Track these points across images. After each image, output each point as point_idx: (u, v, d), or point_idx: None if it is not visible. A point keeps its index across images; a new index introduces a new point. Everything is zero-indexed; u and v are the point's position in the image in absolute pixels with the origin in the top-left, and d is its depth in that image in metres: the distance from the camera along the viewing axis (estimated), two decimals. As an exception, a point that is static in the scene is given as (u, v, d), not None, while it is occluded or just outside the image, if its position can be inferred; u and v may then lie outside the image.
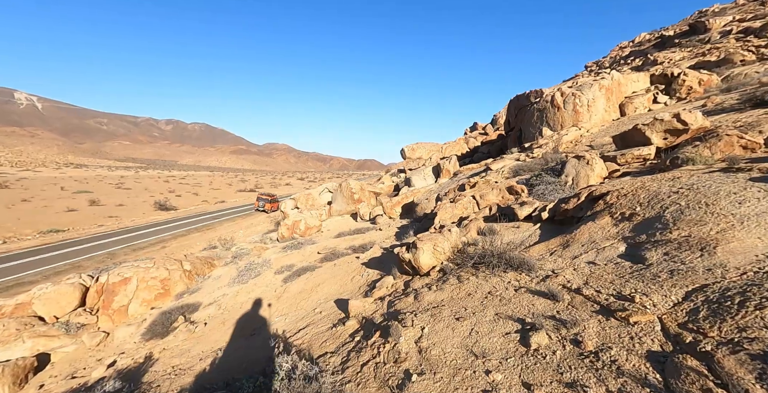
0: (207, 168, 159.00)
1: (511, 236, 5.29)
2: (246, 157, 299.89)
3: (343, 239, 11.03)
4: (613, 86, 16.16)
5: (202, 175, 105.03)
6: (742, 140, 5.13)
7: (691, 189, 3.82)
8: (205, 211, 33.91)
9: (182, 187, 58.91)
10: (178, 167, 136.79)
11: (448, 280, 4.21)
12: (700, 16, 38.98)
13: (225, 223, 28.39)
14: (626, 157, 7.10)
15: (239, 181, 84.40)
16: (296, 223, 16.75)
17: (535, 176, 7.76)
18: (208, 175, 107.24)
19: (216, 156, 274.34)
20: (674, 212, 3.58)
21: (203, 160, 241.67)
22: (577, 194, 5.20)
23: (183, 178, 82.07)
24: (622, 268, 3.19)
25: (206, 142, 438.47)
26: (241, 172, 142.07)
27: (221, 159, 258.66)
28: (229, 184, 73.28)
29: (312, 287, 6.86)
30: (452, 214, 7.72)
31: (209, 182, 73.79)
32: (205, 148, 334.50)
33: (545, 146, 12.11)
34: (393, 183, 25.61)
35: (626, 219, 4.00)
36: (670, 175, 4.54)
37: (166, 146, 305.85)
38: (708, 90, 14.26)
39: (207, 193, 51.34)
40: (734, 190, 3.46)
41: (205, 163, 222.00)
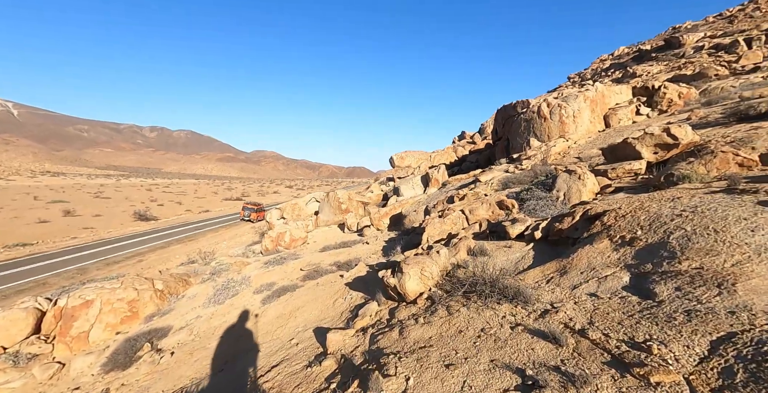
0: (192, 176, 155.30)
1: (503, 257, 4.93)
2: (233, 165, 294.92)
3: (328, 254, 10.50)
4: (597, 98, 16.36)
5: (187, 183, 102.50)
6: (738, 157, 4.95)
7: (695, 212, 3.54)
8: (188, 221, 32.66)
9: (165, 195, 57.10)
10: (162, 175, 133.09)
11: (437, 310, 3.78)
12: (674, 32, 40.75)
13: (208, 234, 27.32)
14: (617, 172, 6.91)
15: (225, 189, 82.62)
16: (281, 235, 16.09)
17: (526, 190, 7.49)
18: (193, 183, 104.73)
19: (202, 164, 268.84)
20: (680, 238, 3.27)
21: (189, 168, 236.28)
22: (572, 213, 4.90)
23: (167, 186, 79.77)
24: (630, 305, 2.83)
25: (192, 149, 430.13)
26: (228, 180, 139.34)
27: (207, 167, 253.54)
28: (215, 192, 71.58)
29: (291, 311, 6.30)
30: (441, 230, 7.33)
31: (194, 190, 71.88)
32: (191, 156, 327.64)
33: (533, 158, 11.98)
34: (382, 192, 25.23)
35: (627, 243, 3.68)
36: (669, 195, 4.28)
37: (150, 154, 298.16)
38: (688, 103, 14.54)
39: (191, 202, 49.80)
40: (744, 216, 3.19)
41: (190, 171, 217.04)
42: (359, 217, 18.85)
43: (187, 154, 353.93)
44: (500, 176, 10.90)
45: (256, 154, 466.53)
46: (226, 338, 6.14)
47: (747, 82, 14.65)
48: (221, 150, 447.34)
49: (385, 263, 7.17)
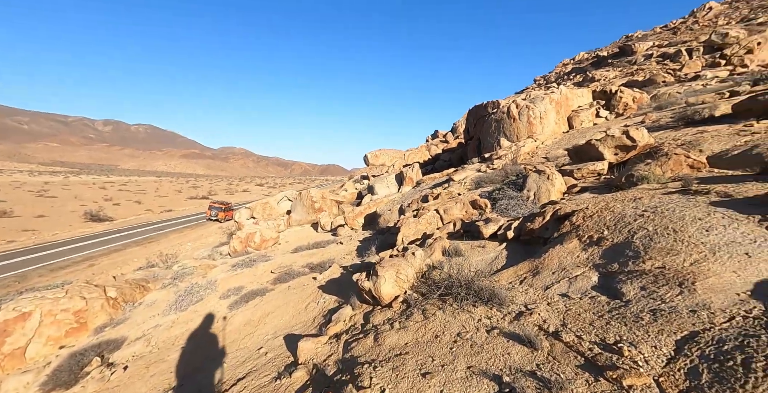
0: (153, 173, 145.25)
1: (477, 258, 4.94)
2: (199, 162, 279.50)
3: (300, 255, 10.15)
4: (562, 100, 17.14)
5: (147, 180, 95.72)
6: (689, 160, 5.31)
7: (656, 212, 3.71)
8: (147, 222, 30.46)
9: (122, 194, 52.97)
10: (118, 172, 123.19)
11: (413, 314, 3.69)
12: (627, 40, 43.76)
13: (171, 235, 25.64)
14: (582, 172, 7.21)
15: (190, 187, 78.15)
16: (251, 236, 15.38)
17: (498, 190, 7.63)
18: (154, 180, 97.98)
19: (164, 160, 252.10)
20: (643, 238, 3.41)
21: (149, 165, 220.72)
22: (542, 213, 5.01)
23: (124, 184, 74.00)
24: (600, 305, 2.89)
25: (153, 145, 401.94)
26: (194, 177, 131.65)
27: (170, 163, 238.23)
28: (179, 190, 67.49)
29: (260, 317, 5.97)
30: (416, 230, 7.29)
31: (155, 189, 67.27)
32: (152, 152, 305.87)
33: (504, 157, 12.30)
34: (356, 190, 24.96)
35: (595, 243, 3.79)
36: (631, 195, 4.48)
37: (104, 149, 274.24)
38: (641, 107, 15.62)
39: (152, 201, 46.53)
40: (699, 216, 3.38)
41: (151, 168, 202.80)
42: (333, 216, 18.50)
43: (148, 150, 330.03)
44: (473, 175, 11.09)
45: (224, 150, 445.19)
46: (188, 349, 5.70)
47: (690, 89, 15.98)
48: (185, 146, 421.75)
49: (359, 265, 7.01)
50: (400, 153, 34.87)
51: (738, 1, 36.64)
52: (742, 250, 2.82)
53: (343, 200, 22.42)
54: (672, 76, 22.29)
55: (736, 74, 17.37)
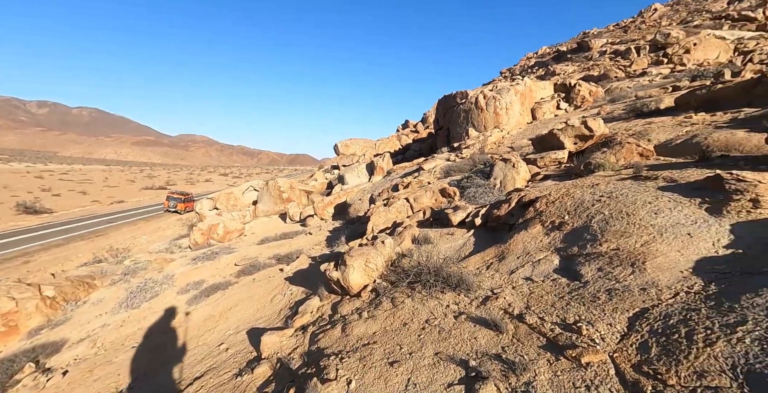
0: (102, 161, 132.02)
1: (446, 245, 4.97)
2: (155, 150, 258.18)
3: (267, 246, 9.74)
4: (526, 92, 17.70)
5: (93, 169, 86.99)
6: (639, 148, 5.66)
7: (611, 197, 3.89)
8: (94, 214, 27.79)
9: (63, 184, 47.73)
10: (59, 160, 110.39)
11: (381, 303, 3.62)
12: (584, 36, 45.97)
13: (124, 228, 23.61)
14: (545, 160, 7.48)
15: (146, 176, 72.28)
16: (213, 227, 14.54)
17: (466, 178, 7.73)
18: (102, 169, 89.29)
19: (114, 147, 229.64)
20: (600, 222, 3.56)
21: (96, 152, 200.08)
22: (508, 199, 5.11)
23: (65, 173, 66.66)
24: (560, 287, 2.99)
25: (100, 130, 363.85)
26: (149, 166, 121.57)
27: (121, 151, 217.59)
28: (132, 180, 62.15)
29: (222, 312, 5.65)
30: (386, 219, 7.22)
31: (104, 178, 61.38)
32: (99, 138, 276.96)
33: (472, 147, 12.52)
34: (326, 180, 24.43)
35: (556, 228, 3.92)
36: (589, 182, 4.69)
37: (39, 134, 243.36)
38: (596, 100, 16.56)
39: (100, 192, 42.43)
40: (648, 200, 3.58)
41: (98, 156, 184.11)
42: (302, 206, 17.98)
43: (94, 135, 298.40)
44: (442, 164, 11.18)
45: (183, 138, 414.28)
46: (141, 349, 5.27)
47: (638, 84, 17.18)
48: (139, 132, 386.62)
49: (328, 255, 6.83)
50: (371, 143, 34.52)
51: (678, 4, 39.74)
52: (685, 230, 3.03)
53: (313, 190, 21.87)
54: (623, 72, 23.85)
55: (677, 71, 18.94)
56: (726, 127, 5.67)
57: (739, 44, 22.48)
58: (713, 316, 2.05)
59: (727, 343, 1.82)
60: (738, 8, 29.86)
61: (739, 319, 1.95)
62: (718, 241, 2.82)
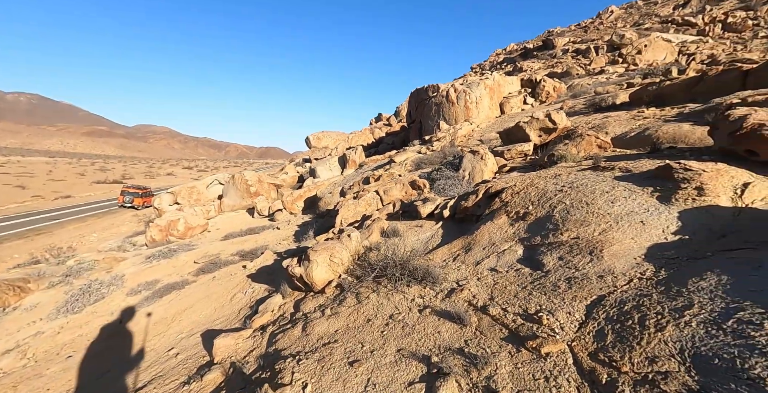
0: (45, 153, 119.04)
1: (414, 237, 4.89)
2: (109, 141, 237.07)
3: (231, 242, 9.22)
4: (495, 86, 18.05)
5: (35, 161, 78.47)
6: (598, 140, 5.88)
7: (572, 187, 3.97)
8: (35, 210, 25.08)
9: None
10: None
11: (346, 299, 3.46)
12: (549, 35, 47.78)
13: (70, 225, 21.51)
14: (511, 153, 7.62)
15: (98, 169, 66.36)
16: (172, 223, 13.58)
17: (436, 170, 7.70)
18: (46, 162, 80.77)
19: (60, 138, 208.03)
20: (562, 212, 3.61)
21: (38, 143, 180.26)
22: (476, 191, 5.11)
23: (1, 165, 59.66)
24: (523, 277, 2.98)
25: (42, 119, 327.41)
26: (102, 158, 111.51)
27: (69, 142, 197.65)
28: (81, 173, 56.81)
29: (176, 313, 5.22)
30: (355, 212, 7.03)
31: (47, 171, 55.58)
32: (42, 127, 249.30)
33: (443, 139, 12.57)
34: (298, 174, 23.70)
35: (521, 218, 3.94)
36: (552, 173, 4.77)
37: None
38: (560, 95, 17.25)
39: (42, 186, 38.34)
40: (606, 189, 3.68)
41: (41, 147, 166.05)
42: (271, 200, 17.33)
43: (35, 124, 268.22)
44: (413, 157, 11.13)
45: (141, 129, 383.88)
46: (78, 358, 4.74)
47: (597, 81, 18.10)
48: (89, 122, 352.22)
49: (294, 250, 6.55)
50: (343, 136, 33.90)
51: (631, 8, 42.27)
52: (639, 218, 3.12)
53: (283, 184, 21.13)
54: (584, 70, 25.09)
55: (630, 70, 20.19)
56: (674, 120, 6.02)
57: (683, 47, 24.34)
58: (663, 300, 2.09)
59: (676, 327, 1.84)
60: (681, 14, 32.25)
61: (686, 302, 1.99)
62: (668, 228, 2.92)
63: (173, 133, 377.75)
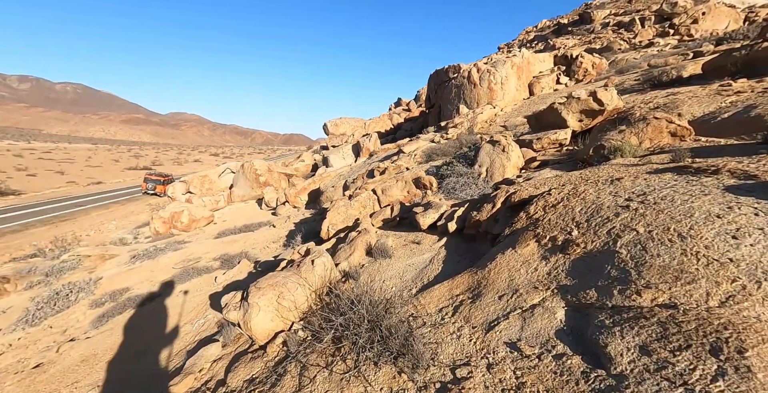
0: (89, 140, 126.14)
1: (406, 261, 3.58)
2: (145, 128, 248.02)
3: (221, 241, 8.34)
4: (523, 65, 15.79)
5: (79, 148, 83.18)
6: (672, 125, 4.18)
7: (645, 202, 2.48)
8: (66, 196, 25.96)
9: (42, 163, 45.13)
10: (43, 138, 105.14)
11: (286, 374, 2.27)
12: (586, 8, 42.71)
13: (94, 212, 21.97)
14: (542, 142, 6.00)
15: (132, 156, 69.19)
16: (176, 215, 13.04)
17: (447, 165, 6.24)
18: (88, 148, 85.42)
19: (102, 125, 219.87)
20: (632, 246, 2.16)
21: (83, 130, 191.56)
22: (493, 199, 3.68)
23: (48, 152, 63.35)
24: (571, 377, 1.63)
25: (86, 107, 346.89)
26: (138, 145, 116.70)
27: (110, 130, 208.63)
28: (116, 160, 59.33)
29: (106, 350, 4.23)
30: (346, 216, 5.78)
31: (87, 158, 58.47)
32: (86, 116, 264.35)
33: (460, 126, 10.90)
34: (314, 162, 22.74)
35: (559, 249, 2.53)
36: (606, 174, 3.25)
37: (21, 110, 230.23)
38: (600, 73, 14.77)
39: (80, 172, 40.14)
40: (714, 210, 2.17)
41: (86, 134, 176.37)
42: (282, 190, 16.48)
43: (80, 113, 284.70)
44: (425, 147, 9.62)
45: (174, 116, 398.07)
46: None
47: (646, 54, 15.35)
48: (128, 110, 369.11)
49: (270, 262, 5.44)
50: (361, 122, 32.43)
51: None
52: (797, 275, 1.64)
53: (294, 173, 20.25)
54: (627, 44, 21.86)
55: (685, 42, 17.10)
56: None
57: (750, 13, 20.42)
58: None
59: None
60: (751, -26, 27.26)
61: None
62: None
63: (203, 121, 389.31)
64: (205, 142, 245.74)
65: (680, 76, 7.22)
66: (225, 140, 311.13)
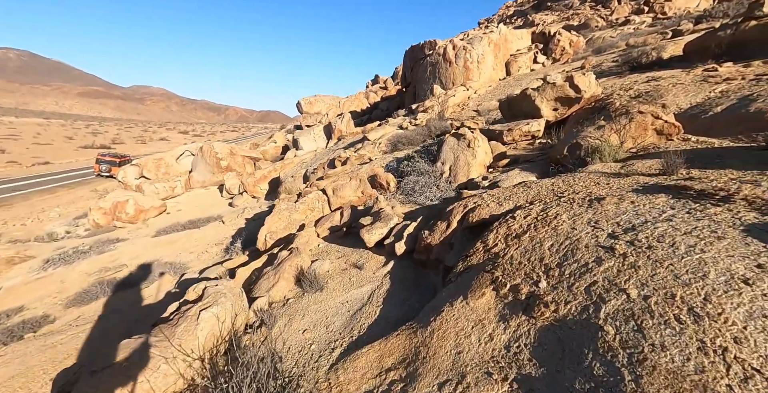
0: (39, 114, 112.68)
1: (342, 296, 2.80)
2: (106, 102, 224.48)
3: (158, 241, 7.23)
4: (501, 42, 14.68)
5: (28, 123, 74.21)
6: (658, 121, 3.48)
7: (636, 245, 1.77)
8: (4, 179, 22.96)
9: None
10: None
11: None
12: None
13: (36, 197, 19.51)
14: (513, 134, 5.21)
15: (89, 133, 62.73)
16: (120, 206, 11.50)
17: (408, 159, 5.37)
18: (38, 123, 76.40)
19: (55, 97, 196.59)
20: (622, 320, 1.46)
21: (33, 103, 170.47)
22: (448, 215, 2.90)
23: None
24: None
25: (35, 77, 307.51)
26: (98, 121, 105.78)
27: (65, 103, 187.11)
28: (71, 137, 53.45)
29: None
30: (289, 221, 4.86)
31: (36, 134, 52.25)
32: (36, 87, 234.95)
33: (431, 110, 9.91)
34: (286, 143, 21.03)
35: (522, 308, 1.80)
36: (584, 189, 2.51)
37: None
38: (577, 52, 14.00)
39: (24, 151, 35.67)
40: (739, 270, 1.48)
41: (36, 107, 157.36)
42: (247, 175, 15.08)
43: (29, 83, 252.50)
44: (391, 134, 8.62)
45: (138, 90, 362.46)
46: None
47: (623, 32, 14.68)
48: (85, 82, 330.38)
49: (192, 281, 4.49)
50: (337, 100, 30.35)
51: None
52: None
53: (260, 157, 18.68)
54: (604, 21, 21.12)
55: (660, 20, 16.55)
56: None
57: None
58: None
59: None
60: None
61: None
62: None
63: (170, 95, 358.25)
64: (173, 118, 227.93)
65: (660, 58, 6.54)
66: (196, 116, 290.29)
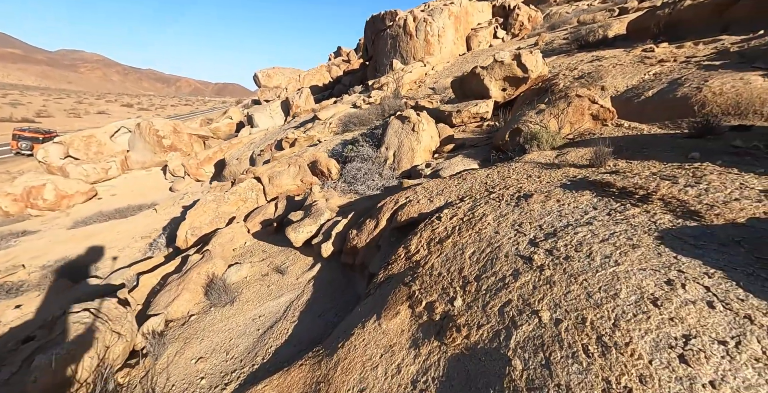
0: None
1: (252, 312, 2.43)
2: (26, 68, 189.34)
3: (76, 234, 6.25)
4: (461, 14, 13.93)
5: None
6: (594, 106, 3.31)
7: (554, 254, 1.56)
8: None
9: None
10: None
11: None
12: (530, -48, 39.67)
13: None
14: (462, 116, 4.90)
15: (7, 103, 53.19)
16: (35, 190, 9.87)
17: (353, 143, 4.89)
18: (-64, 95, 62.92)
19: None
20: (530, 353, 1.26)
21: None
22: (378, 212, 2.57)
23: None
24: None
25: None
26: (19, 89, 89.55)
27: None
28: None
29: None
30: (217, 214, 4.28)
31: (-66, 108, 43.21)
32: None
33: (386, 87, 9.26)
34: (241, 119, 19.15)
35: (435, 333, 1.57)
36: (515, 184, 2.28)
37: None
38: (534, 28, 13.75)
39: None
40: (649, 288, 1.30)
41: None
42: (194, 156, 13.60)
43: None
44: (343, 113, 7.95)
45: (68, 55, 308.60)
46: None
47: (578, 8, 14.61)
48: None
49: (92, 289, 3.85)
50: (297, 73, 27.88)
51: None
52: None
53: (210, 134, 16.93)
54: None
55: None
56: (715, 65, 3.50)
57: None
58: None
59: None
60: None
61: None
62: None
63: (109, 63, 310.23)
64: (114, 89, 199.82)
65: (606, 37, 6.43)
66: (142, 88, 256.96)
